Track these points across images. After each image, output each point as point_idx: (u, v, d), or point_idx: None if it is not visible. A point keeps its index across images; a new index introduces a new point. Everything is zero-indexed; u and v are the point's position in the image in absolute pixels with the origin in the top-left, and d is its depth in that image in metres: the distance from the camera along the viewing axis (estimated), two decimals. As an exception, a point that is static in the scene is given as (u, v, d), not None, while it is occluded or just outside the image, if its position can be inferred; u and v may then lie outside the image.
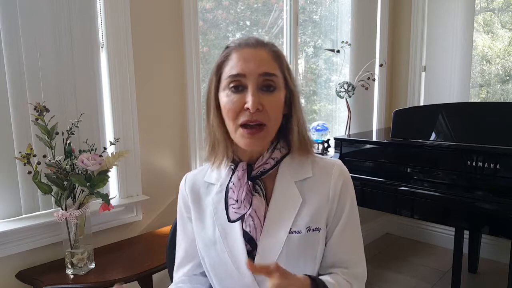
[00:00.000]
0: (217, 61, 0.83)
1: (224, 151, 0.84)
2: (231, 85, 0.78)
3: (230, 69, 0.79)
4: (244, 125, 0.78)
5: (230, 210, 0.84)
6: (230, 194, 0.85)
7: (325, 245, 0.86)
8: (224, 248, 0.84)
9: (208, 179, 0.91)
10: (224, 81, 0.80)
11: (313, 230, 0.83)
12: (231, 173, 0.87)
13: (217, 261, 0.86)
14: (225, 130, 0.83)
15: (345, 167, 0.90)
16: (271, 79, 0.78)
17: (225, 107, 0.79)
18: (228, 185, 0.86)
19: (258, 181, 0.85)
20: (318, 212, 0.84)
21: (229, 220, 0.84)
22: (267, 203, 0.84)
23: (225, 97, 0.79)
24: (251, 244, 0.83)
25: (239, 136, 0.79)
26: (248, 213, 0.83)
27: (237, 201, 0.84)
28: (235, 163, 0.86)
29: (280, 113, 0.81)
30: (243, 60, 0.78)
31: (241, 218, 0.84)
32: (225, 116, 0.81)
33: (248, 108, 0.76)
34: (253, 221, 0.83)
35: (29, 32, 1.33)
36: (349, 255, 0.87)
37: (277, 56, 0.82)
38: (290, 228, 0.82)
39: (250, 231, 0.83)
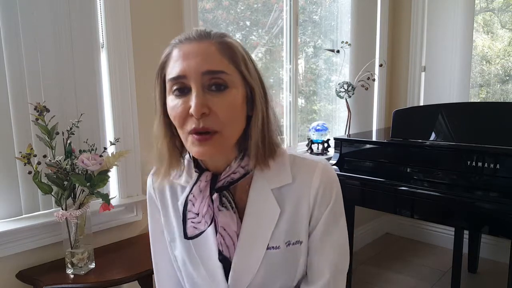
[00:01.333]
0: (159, 63, 0.72)
1: (169, 164, 0.73)
2: (174, 88, 0.67)
3: (170, 70, 0.68)
4: (194, 132, 0.66)
5: (189, 224, 0.74)
6: (189, 206, 0.74)
7: (312, 258, 0.77)
8: (198, 260, 0.77)
9: (176, 179, 0.79)
10: (167, 84, 0.69)
11: (294, 243, 0.74)
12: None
13: (189, 269, 0.80)
14: (170, 141, 0.72)
15: (330, 166, 0.77)
16: (218, 76, 0.65)
17: (171, 114, 0.68)
18: (187, 196, 0.75)
19: (225, 193, 0.73)
20: (298, 223, 0.74)
21: (186, 237, 0.74)
22: (241, 217, 0.74)
23: (170, 102, 0.68)
24: (224, 263, 0.76)
25: (190, 145, 0.68)
26: (218, 231, 0.74)
27: (197, 214, 0.73)
28: (200, 169, 0.75)
29: (237, 115, 0.68)
30: (182, 58, 0.66)
31: (200, 235, 0.75)
32: (175, 125, 0.69)
33: (192, 114, 0.65)
34: (223, 239, 0.74)
35: (29, 32, 1.33)
36: (327, 266, 0.76)
37: (227, 47, 0.68)
38: (268, 244, 0.73)
39: (223, 250, 0.75)
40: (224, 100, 0.66)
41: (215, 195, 0.73)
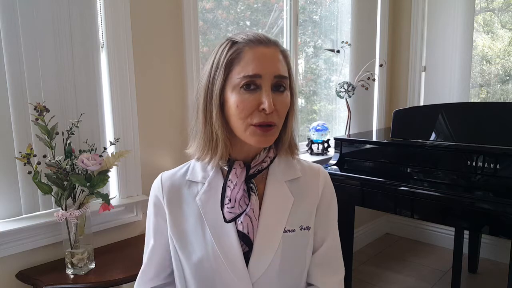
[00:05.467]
0: (225, 58, 0.77)
1: (224, 149, 0.80)
2: (244, 83, 0.75)
3: (244, 67, 0.75)
4: (257, 125, 0.76)
5: (225, 209, 0.81)
6: (227, 193, 0.82)
7: (318, 249, 0.89)
8: (218, 251, 0.80)
9: (192, 178, 0.87)
10: (235, 80, 0.76)
11: (305, 228, 0.85)
12: (219, 172, 0.85)
13: (206, 266, 0.81)
14: (226, 129, 0.80)
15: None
16: (283, 81, 0.77)
17: (238, 106, 0.75)
18: (225, 183, 0.82)
19: (253, 181, 0.84)
20: (308, 211, 0.86)
21: (225, 220, 0.81)
22: (259, 204, 0.84)
23: (236, 96, 0.75)
24: (248, 244, 0.81)
25: (250, 134, 0.76)
26: (245, 213, 0.81)
27: (230, 200, 0.81)
28: (228, 162, 0.83)
29: (286, 113, 0.81)
30: (258, 59, 0.75)
31: (236, 219, 0.81)
32: (232, 115, 0.77)
33: (263, 109, 0.74)
34: (251, 221, 0.81)
35: (29, 32, 1.33)
36: (333, 262, 0.91)
37: (286, 56, 0.81)
38: (285, 227, 0.82)
39: (248, 232, 0.81)
40: (283, 99, 0.78)
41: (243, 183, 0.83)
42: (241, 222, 0.81)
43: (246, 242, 0.81)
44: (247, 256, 0.81)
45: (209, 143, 0.81)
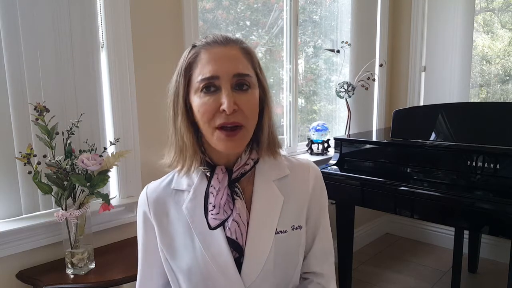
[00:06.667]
0: (185, 62, 0.77)
1: (192, 156, 0.79)
2: (203, 86, 0.73)
3: (201, 70, 0.74)
4: (221, 128, 0.73)
5: (209, 216, 0.79)
6: (210, 199, 0.79)
7: (313, 243, 0.87)
8: (208, 259, 0.78)
9: (178, 186, 0.85)
10: (195, 84, 0.75)
11: (296, 228, 0.83)
12: (204, 178, 0.83)
13: (197, 274, 0.79)
14: (193, 134, 0.79)
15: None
16: (244, 78, 0.74)
17: (199, 110, 0.74)
18: (208, 189, 0.80)
19: (237, 184, 0.81)
20: (299, 210, 0.84)
21: (210, 228, 0.78)
22: (247, 207, 0.81)
23: (198, 99, 0.75)
24: (238, 251, 0.79)
25: (216, 140, 0.75)
26: (232, 219, 0.78)
27: (214, 206, 0.78)
28: (210, 167, 0.81)
29: (256, 112, 0.77)
30: (214, 60, 0.73)
31: (222, 225, 0.79)
32: (198, 120, 0.76)
33: (224, 110, 0.71)
34: (238, 226, 0.78)
35: (29, 32, 1.33)
36: (328, 252, 0.90)
37: (248, 53, 0.78)
38: (276, 229, 0.80)
39: (236, 238, 0.78)
40: (248, 98, 0.75)
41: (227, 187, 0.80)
42: (229, 228, 0.78)
43: (236, 248, 0.79)
44: (239, 262, 0.79)
45: (180, 150, 0.80)
